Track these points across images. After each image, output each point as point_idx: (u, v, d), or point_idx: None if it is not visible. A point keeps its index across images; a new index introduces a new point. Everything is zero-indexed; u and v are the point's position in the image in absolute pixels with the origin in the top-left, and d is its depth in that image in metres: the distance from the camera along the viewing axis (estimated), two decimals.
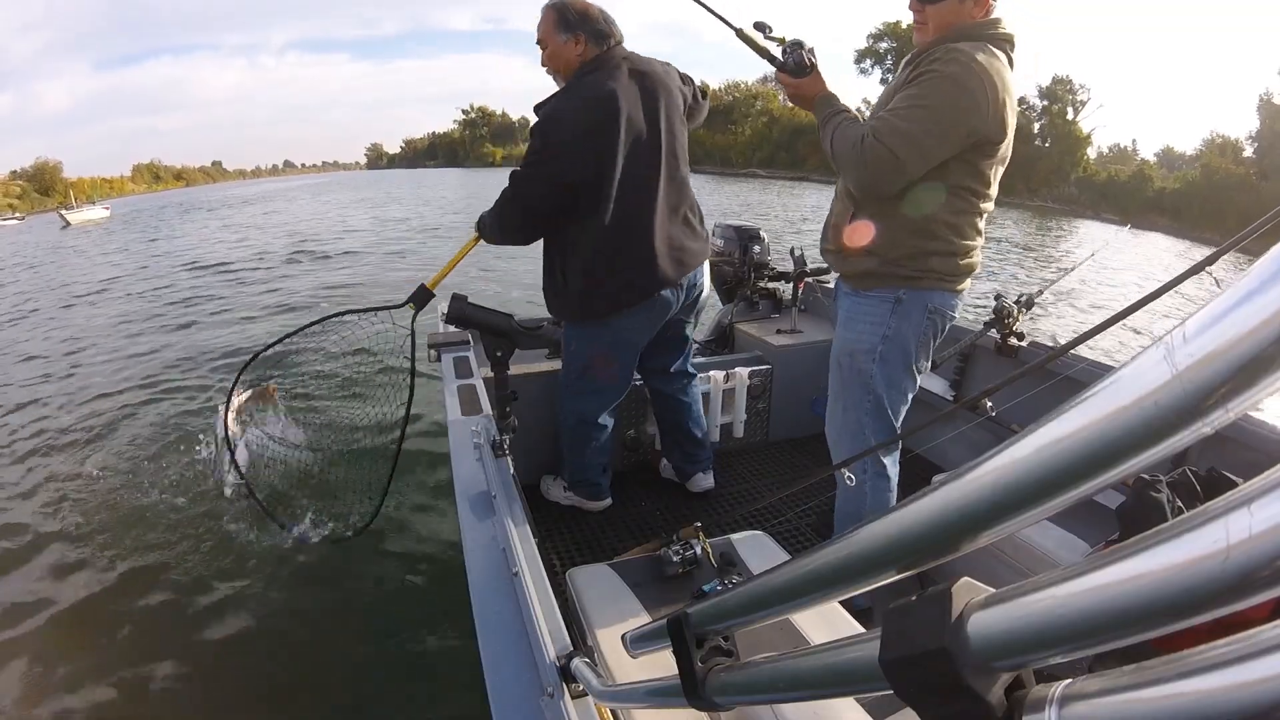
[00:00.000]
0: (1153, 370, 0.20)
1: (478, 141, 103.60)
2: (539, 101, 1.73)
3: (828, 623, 1.11)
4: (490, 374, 1.67)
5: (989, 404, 1.97)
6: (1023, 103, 35.65)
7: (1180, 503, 1.30)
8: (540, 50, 1.76)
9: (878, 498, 1.61)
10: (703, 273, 1.93)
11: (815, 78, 1.46)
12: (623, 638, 0.68)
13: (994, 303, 2.19)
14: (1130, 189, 31.81)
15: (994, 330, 2.20)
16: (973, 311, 4.42)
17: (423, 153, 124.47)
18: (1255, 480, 0.19)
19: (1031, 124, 37.40)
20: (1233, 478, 1.34)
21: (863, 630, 0.81)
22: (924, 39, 1.39)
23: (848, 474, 1.63)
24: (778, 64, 1.47)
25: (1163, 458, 0.21)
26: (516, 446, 1.52)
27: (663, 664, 0.55)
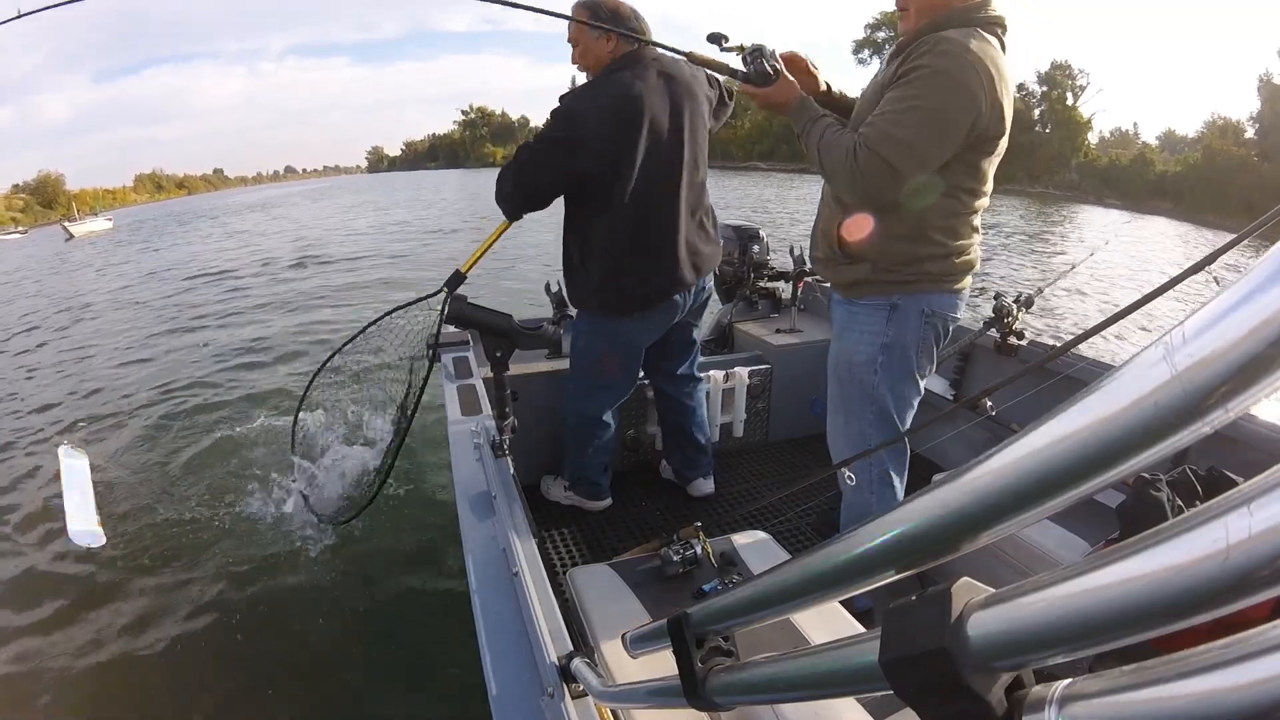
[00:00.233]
0: (1152, 370, 0.20)
1: (478, 142, 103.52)
2: (564, 93, 1.73)
3: (828, 623, 1.11)
4: (490, 374, 1.67)
5: (989, 403, 1.97)
6: (1021, 89, 35.11)
7: (1180, 502, 1.30)
8: (571, 49, 1.77)
9: (885, 509, 1.59)
10: (710, 275, 1.94)
11: (783, 83, 1.35)
12: (623, 638, 0.68)
13: (994, 302, 2.19)
14: (1132, 173, 31.38)
15: (994, 329, 2.20)
16: (972, 311, 4.42)
17: (423, 154, 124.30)
18: (1255, 480, 0.19)
19: (1031, 110, 36.43)
20: (1233, 477, 1.34)
21: (863, 630, 0.81)
22: (909, 26, 1.29)
23: (848, 474, 1.62)
24: (740, 76, 1.36)
25: (1163, 457, 0.21)
26: (516, 446, 1.52)
27: (663, 664, 0.55)
